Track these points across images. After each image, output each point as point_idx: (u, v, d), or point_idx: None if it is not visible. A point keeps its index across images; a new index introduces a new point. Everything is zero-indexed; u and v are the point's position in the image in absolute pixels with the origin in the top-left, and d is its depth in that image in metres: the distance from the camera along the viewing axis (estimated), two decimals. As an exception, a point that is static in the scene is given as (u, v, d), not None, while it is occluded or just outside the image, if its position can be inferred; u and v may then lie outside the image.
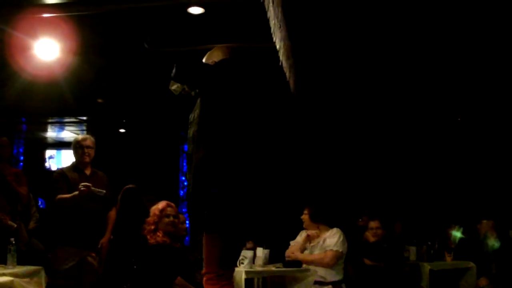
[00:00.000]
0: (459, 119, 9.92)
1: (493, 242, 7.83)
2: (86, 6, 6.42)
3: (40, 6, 6.31)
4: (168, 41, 7.41)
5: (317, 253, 6.23)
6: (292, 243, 6.58)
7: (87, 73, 7.99)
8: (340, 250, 6.09)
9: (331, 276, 6.10)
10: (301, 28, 6.58)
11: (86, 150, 6.06)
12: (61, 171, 6.17)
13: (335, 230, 6.26)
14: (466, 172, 10.16)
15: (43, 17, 6.42)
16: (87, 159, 6.13)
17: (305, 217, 6.49)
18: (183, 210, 10.96)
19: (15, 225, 5.92)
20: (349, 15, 6.58)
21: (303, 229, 6.58)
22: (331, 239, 6.17)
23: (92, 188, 5.70)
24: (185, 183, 11.85)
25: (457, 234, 7.86)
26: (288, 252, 6.41)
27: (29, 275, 4.75)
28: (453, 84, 8.42)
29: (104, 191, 5.83)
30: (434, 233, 8.47)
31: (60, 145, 13.75)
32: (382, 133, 9.95)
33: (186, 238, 8.00)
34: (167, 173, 11.53)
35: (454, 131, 10.08)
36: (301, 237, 6.52)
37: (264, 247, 6.24)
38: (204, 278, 3.48)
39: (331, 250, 6.09)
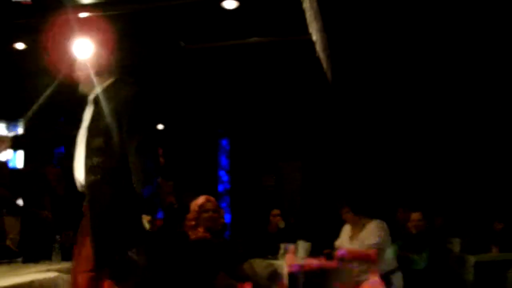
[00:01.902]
0: (499, 111, 9.75)
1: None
2: (122, 4, 6.46)
3: (76, 6, 6.35)
4: (204, 37, 7.42)
5: (357, 248, 6.12)
6: (337, 243, 6.49)
7: (123, 71, 8.02)
8: (382, 247, 5.97)
9: (386, 266, 6.01)
10: (337, 18, 6.54)
11: None
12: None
13: (375, 223, 6.12)
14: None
15: (79, 17, 6.47)
16: None
17: (347, 215, 6.38)
18: (223, 204, 10.99)
19: (50, 216, 5.99)
20: (384, 5, 6.51)
21: (343, 222, 6.51)
22: (371, 235, 6.05)
23: None
24: (224, 179, 11.89)
25: None
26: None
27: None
28: (494, 77, 8.31)
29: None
30: (479, 225, 8.33)
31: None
32: (422, 123, 9.83)
33: (226, 232, 8.01)
34: (206, 168, 11.55)
35: (497, 122, 9.92)
36: (344, 233, 6.44)
37: (305, 240, 6.21)
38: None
39: (374, 248, 5.96)
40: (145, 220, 3.77)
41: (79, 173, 3.62)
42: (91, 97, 3.84)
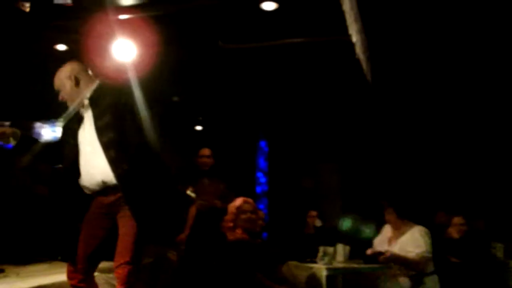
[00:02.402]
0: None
1: None
2: (160, 5, 6.48)
3: (116, 8, 6.39)
4: (242, 38, 7.41)
5: (400, 253, 6.07)
6: (375, 241, 6.45)
7: (163, 72, 8.06)
8: (430, 256, 5.92)
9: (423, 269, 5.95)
10: (377, 20, 6.49)
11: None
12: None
13: (418, 229, 6.06)
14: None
15: (120, 18, 6.52)
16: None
17: (390, 216, 6.32)
18: (261, 206, 10.98)
19: None
20: (425, 6, 6.44)
21: (382, 225, 6.46)
22: (416, 241, 5.98)
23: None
24: (262, 180, 11.87)
25: None
26: (368, 253, 6.24)
27: (113, 270, 4.79)
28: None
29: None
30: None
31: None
32: (462, 125, 9.71)
33: (264, 234, 8.00)
34: (244, 170, 11.56)
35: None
36: (384, 233, 6.39)
37: (344, 243, 6.17)
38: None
39: (423, 257, 5.90)
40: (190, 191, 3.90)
41: (98, 172, 3.75)
42: (85, 101, 4.04)
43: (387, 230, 6.35)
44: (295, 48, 7.58)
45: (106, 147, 3.69)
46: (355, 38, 5.73)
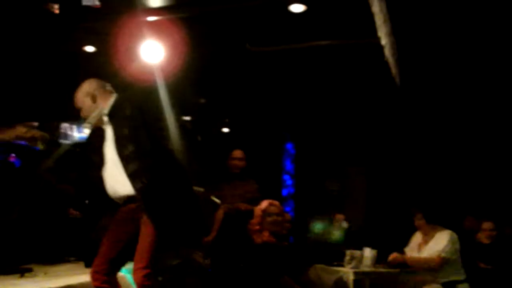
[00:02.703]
0: None
1: None
2: (188, 8, 6.50)
3: (144, 10, 6.42)
4: (270, 40, 7.40)
5: (424, 256, 6.05)
6: (406, 249, 6.41)
7: (190, 74, 8.08)
8: (447, 257, 5.87)
9: (451, 275, 5.90)
10: (407, 22, 6.45)
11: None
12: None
13: (445, 233, 6.03)
14: None
15: (148, 20, 6.54)
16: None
17: (419, 222, 6.29)
18: (287, 209, 10.95)
19: None
20: (456, 9, 6.38)
21: (411, 229, 6.41)
22: (440, 244, 5.97)
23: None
24: (288, 183, 11.84)
25: None
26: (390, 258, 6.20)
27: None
28: None
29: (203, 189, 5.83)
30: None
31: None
32: (491, 130, 9.62)
33: (290, 236, 7.96)
34: (270, 172, 11.54)
35: None
36: (414, 240, 6.36)
37: (372, 247, 6.13)
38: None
39: (438, 256, 5.88)
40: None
41: (120, 186, 3.86)
42: (104, 118, 4.10)
43: (417, 237, 6.33)
44: (323, 50, 7.55)
45: (125, 161, 3.77)
46: (384, 40, 5.70)
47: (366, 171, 11.15)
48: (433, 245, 5.98)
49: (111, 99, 4.20)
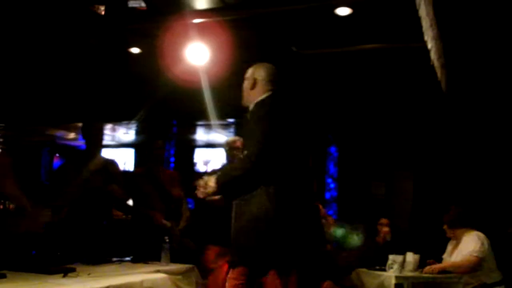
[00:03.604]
0: None
1: None
2: (234, 10, 6.52)
3: (190, 12, 6.46)
4: (315, 43, 7.39)
5: (455, 260, 6.02)
6: (444, 256, 6.39)
7: (235, 77, 8.10)
8: (479, 256, 5.82)
9: (488, 278, 5.85)
10: (454, 26, 6.38)
11: (235, 152, 6.12)
12: (212, 172, 6.27)
13: (472, 234, 6.01)
14: None
15: (193, 22, 6.58)
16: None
17: (444, 226, 6.30)
18: (330, 212, 10.91)
19: (169, 224, 6.09)
20: (503, 12, 6.30)
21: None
22: (468, 245, 5.94)
23: None
24: (331, 186, 11.80)
25: None
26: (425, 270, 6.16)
27: (182, 273, 4.83)
28: None
29: None
30: None
31: (209, 146, 14.09)
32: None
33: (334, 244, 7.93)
34: (314, 175, 11.51)
35: None
36: (448, 247, 6.34)
37: (415, 252, 6.09)
38: None
39: (469, 256, 5.84)
40: None
41: None
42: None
43: (451, 243, 6.32)
44: (369, 53, 7.53)
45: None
46: (430, 44, 5.64)
47: (413, 176, 11.04)
48: (462, 249, 5.98)
49: (263, 96, 4.11)
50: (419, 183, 10.78)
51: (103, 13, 6.48)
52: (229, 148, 6.17)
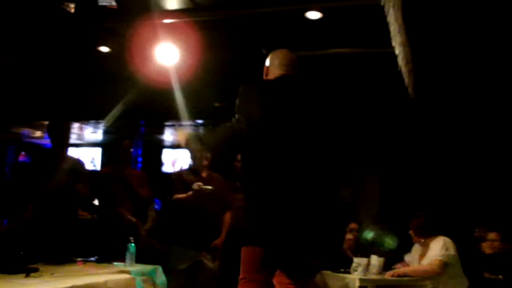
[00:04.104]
0: None
1: None
2: (205, 12, 6.52)
3: (161, 12, 6.45)
4: (285, 47, 7.41)
5: (423, 265, 6.06)
6: (406, 258, 6.43)
7: (205, 77, 8.10)
8: (442, 260, 5.87)
9: (455, 284, 5.90)
10: (422, 32, 6.44)
11: (203, 154, 6.12)
12: (178, 173, 6.28)
13: (439, 239, 6.06)
14: None
15: (164, 22, 6.57)
16: (206, 163, 6.20)
17: (411, 232, 6.34)
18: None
19: (135, 220, 6.07)
20: (471, 19, 6.37)
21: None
22: (433, 251, 5.98)
23: (202, 186, 5.74)
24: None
25: None
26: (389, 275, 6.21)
27: (147, 273, 4.82)
28: None
29: (211, 187, 5.82)
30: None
31: (177, 147, 14.03)
32: (505, 140, 9.58)
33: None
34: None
35: None
36: (414, 251, 6.38)
37: (379, 255, 6.13)
38: None
39: (435, 259, 5.89)
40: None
41: None
42: None
43: (416, 249, 6.35)
44: (338, 58, 7.57)
45: None
46: (397, 50, 5.70)
47: (379, 179, 11.11)
48: (430, 254, 6.01)
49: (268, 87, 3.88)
50: (385, 186, 10.86)
51: (72, 11, 6.43)
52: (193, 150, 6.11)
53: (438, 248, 5.93)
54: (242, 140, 3.51)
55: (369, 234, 6.84)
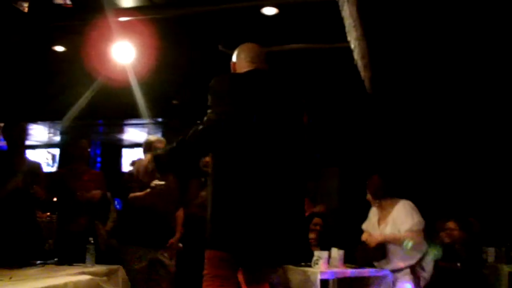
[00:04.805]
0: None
1: None
2: (161, 9, 6.50)
3: (117, 10, 6.40)
4: (242, 43, 7.42)
5: (388, 232, 6.07)
6: (364, 226, 6.43)
7: (162, 75, 8.07)
8: (420, 228, 5.92)
9: (408, 261, 5.96)
10: (377, 26, 6.49)
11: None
12: (131, 172, 6.20)
13: (401, 204, 6.09)
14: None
15: (120, 20, 6.52)
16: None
17: (368, 195, 6.36)
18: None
19: (99, 194, 6.11)
20: (425, 12, 6.45)
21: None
22: (402, 218, 5.99)
23: (158, 183, 5.69)
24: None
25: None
26: (364, 237, 6.23)
27: (108, 274, 4.79)
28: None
29: (163, 183, 5.76)
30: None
31: (137, 146, 13.95)
32: (461, 130, 9.72)
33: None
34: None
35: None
36: (371, 217, 6.39)
37: (340, 248, 6.17)
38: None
39: (410, 233, 5.90)
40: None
41: None
42: None
43: (373, 214, 6.35)
44: (295, 53, 7.59)
45: None
46: (353, 44, 5.74)
47: (339, 172, 11.17)
48: (397, 222, 6.00)
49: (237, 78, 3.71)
50: (345, 180, 10.92)
51: (26, 10, 6.35)
52: (149, 147, 6.07)
53: (408, 217, 5.94)
54: (220, 136, 3.34)
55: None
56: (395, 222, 6.02)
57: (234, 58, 3.90)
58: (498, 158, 9.76)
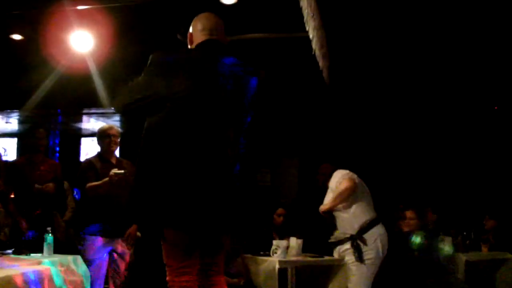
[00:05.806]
0: (496, 108, 9.81)
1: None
2: (119, -3, 6.47)
3: (74, -2, 6.37)
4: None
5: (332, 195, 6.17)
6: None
7: (121, 64, 8.02)
8: (349, 176, 6.08)
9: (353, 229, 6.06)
10: (335, 17, 6.53)
11: (113, 139, 6.01)
12: (88, 161, 6.14)
13: (336, 172, 6.30)
14: (505, 162, 9.98)
15: (78, 9, 6.47)
16: (114, 148, 6.09)
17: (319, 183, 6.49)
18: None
19: (52, 186, 6.08)
20: (383, 2, 6.51)
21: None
22: (333, 180, 6.20)
23: (116, 171, 5.64)
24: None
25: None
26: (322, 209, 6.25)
27: (66, 264, 4.77)
28: (490, 73, 8.32)
29: (125, 171, 5.71)
30: (470, 223, 8.32)
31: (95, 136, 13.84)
32: (417, 121, 9.84)
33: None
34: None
35: (492, 119, 9.93)
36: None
37: (298, 237, 6.22)
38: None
39: (338, 184, 6.08)
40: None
41: None
42: None
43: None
44: (253, 42, 7.60)
45: None
46: (311, 34, 5.76)
47: (299, 163, 11.21)
48: (331, 187, 6.18)
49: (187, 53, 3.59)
50: (304, 170, 10.98)
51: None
52: (102, 135, 6.04)
53: (334, 182, 6.10)
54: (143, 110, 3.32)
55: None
56: (331, 189, 6.15)
57: (190, 29, 3.71)
58: (455, 147, 9.92)
